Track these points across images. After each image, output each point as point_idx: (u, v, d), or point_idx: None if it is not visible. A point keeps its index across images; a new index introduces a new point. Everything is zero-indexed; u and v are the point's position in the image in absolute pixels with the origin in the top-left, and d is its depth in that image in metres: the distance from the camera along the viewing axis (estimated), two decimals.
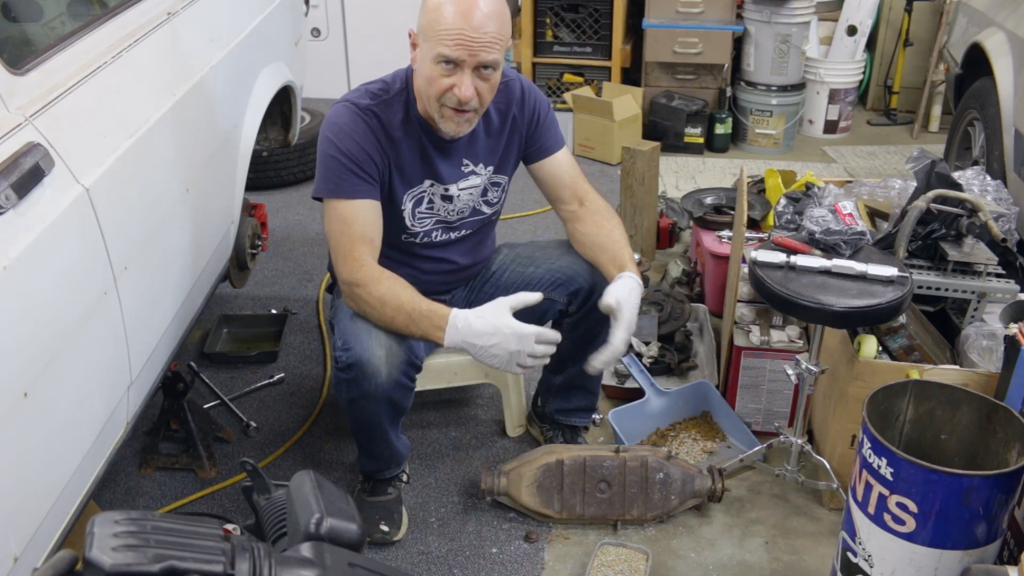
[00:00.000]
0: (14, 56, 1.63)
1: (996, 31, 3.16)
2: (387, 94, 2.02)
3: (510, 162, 2.18)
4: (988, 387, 1.95)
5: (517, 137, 2.15)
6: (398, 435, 2.18)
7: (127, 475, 2.39)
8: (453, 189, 2.10)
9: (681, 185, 4.11)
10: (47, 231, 1.51)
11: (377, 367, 1.91)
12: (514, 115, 2.12)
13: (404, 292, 1.93)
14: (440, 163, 2.07)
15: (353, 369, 1.92)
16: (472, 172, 2.11)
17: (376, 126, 1.99)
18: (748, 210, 2.75)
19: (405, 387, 2.00)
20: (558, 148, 2.19)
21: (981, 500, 1.56)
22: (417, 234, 2.13)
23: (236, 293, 3.17)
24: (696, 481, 2.21)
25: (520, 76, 2.17)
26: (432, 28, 1.86)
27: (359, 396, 1.95)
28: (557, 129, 2.21)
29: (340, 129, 1.98)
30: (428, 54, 1.88)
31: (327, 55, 4.98)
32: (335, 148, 1.97)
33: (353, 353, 1.92)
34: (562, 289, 2.18)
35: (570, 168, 2.20)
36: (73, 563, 0.89)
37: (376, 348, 1.92)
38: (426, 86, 1.92)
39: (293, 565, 0.96)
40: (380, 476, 2.22)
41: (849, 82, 4.62)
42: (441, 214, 2.13)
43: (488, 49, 1.86)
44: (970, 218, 2.24)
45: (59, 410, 1.58)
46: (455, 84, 1.88)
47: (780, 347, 2.43)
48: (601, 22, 4.51)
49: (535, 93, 2.16)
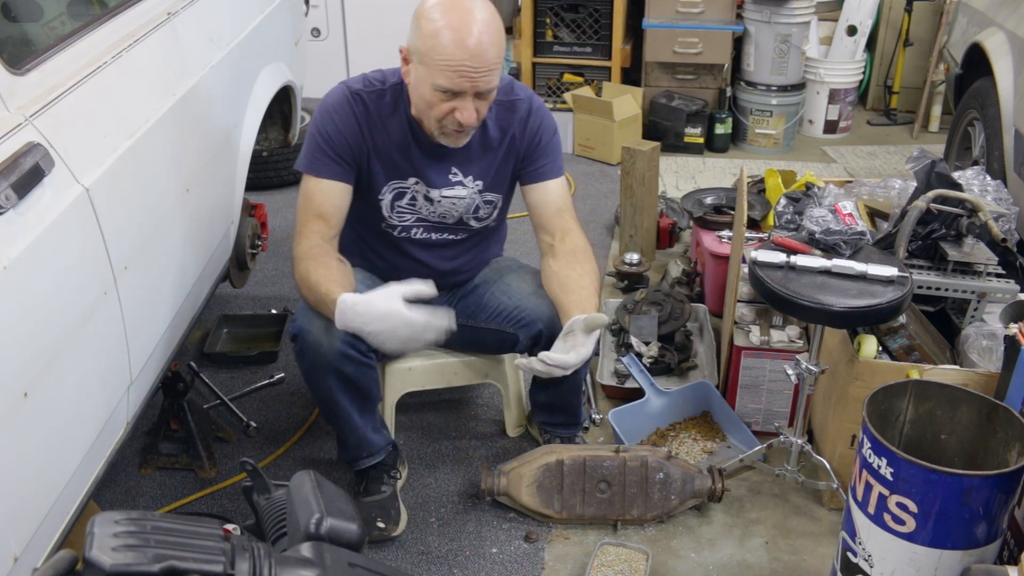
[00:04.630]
0: (14, 56, 1.63)
1: (996, 31, 3.16)
2: (382, 84, 2.05)
3: (504, 181, 2.17)
4: (988, 387, 1.95)
5: (514, 156, 2.14)
6: (375, 426, 2.17)
7: (127, 475, 2.39)
8: (436, 194, 2.11)
9: (681, 185, 4.11)
10: (47, 231, 1.51)
11: (317, 337, 1.96)
12: (514, 134, 2.11)
13: (315, 273, 1.96)
14: (427, 165, 2.08)
15: (298, 340, 2.00)
16: (459, 183, 2.12)
17: (361, 111, 2.03)
18: (748, 210, 2.75)
19: (354, 360, 1.99)
20: (553, 177, 2.16)
21: (981, 500, 1.56)
22: (395, 227, 2.16)
23: (236, 293, 3.17)
24: (696, 481, 2.21)
25: (533, 97, 2.14)
26: (430, 56, 1.85)
27: (308, 367, 2.02)
28: (557, 156, 2.18)
29: (325, 109, 2.05)
30: (426, 79, 1.88)
31: (327, 55, 4.98)
32: (315, 126, 2.05)
33: (297, 324, 2.01)
34: (525, 330, 2.16)
35: (560, 200, 2.17)
36: (73, 563, 0.89)
37: (316, 318, 1.97)
38: (425, 108, 1.93)
39: (293, 565, 0.96)
40: (357, 467, 2.22)
41: (849, 82, 4.62)
42: (423, 213, 2.15)
43: (487, 76, 1.87)
44: (970, 218, 2.24)
45: (59, 410, 1.58)
46: (456, 108, 1.90)
47: (780, 347, 2.43)
48: (601, 22, 4.51)
49: (542, 116, 2.14)
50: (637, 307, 2.83)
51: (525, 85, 2.16)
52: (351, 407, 2.09)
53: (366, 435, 2.16)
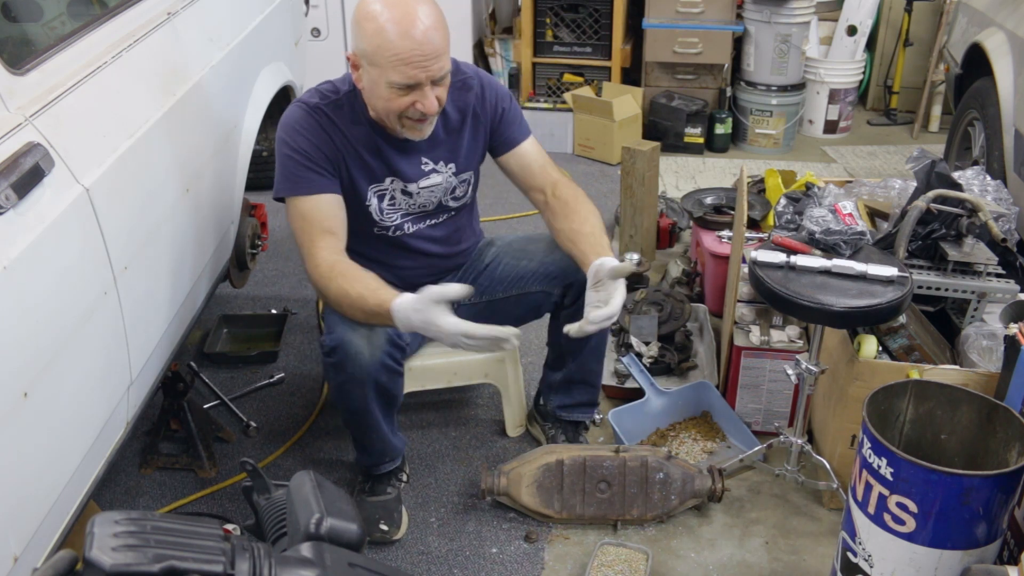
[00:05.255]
0: (14, 56, 1.64)
1: (996, 31, 3.16)
2: (336, 95, 2.03)
3: (475, 158, 2.19)
4: (988, 387, 1.95)
5: (482, 132, 2.15)
6: (394, 429, 2.19)
7: (127, 475, 2.39)
8: (413, 187, 2.12)
9: (681, 185, 4.11)
10: (47, 231, 1.51)
11: (360, 347, 1.94)
12: (475, 111, 2.12)
13: (354, 288, 1.90)
14: (399, 161, 2.08)
15: (337, 352, 1.96)
16: (433, 171, 2.12)
17: (327, 123, 2.02)
18: (748, 210, 2.75)
19: (391, 369, 2.01)
20: (524, 138, 2.19)
21: (981, 500, 1.56)
22: (388, 227, 2.15)
23: (236, 293, 3.17)
24: (696, 481, 2.21)
25: (479, 72, 2.16)
26: (379, 55, 1.86)
27: (345, 380, 1.98)
28: (522, 119, 2.21)
29: (291, 128, 2.01)
30: (379, 79, 1.88)
31: (327, 55, 4.97)
32: (287, 147, 2.01)
33: (336, 336, 1.96)
34: (556, 282, 2.19)
35: (538, 156, 2.20)
36: (73, 563, 0.89)
37: (358, 328, 1.95)
38: (384, 107, 1.93)
39: (293, 565, 0.96)
40: (376, 471, 2.23)
41: (849, 82, 4.62)
42: (404, 208, 2.15)
43: (439, 61, 1.87)
44: (970, 218, 2.24)
45: (59, 410, 1.58)
46: (416, 100, 1.90)
47: (780, 347, 2.42)
48: (601, 22, 4.51)
49: (495, 87, 2.16)
50: (637, 307, 2.83)
51: (466, 62, 2.17)
52: (380, 415, 2.09)
53: (390, 440, 2.18)
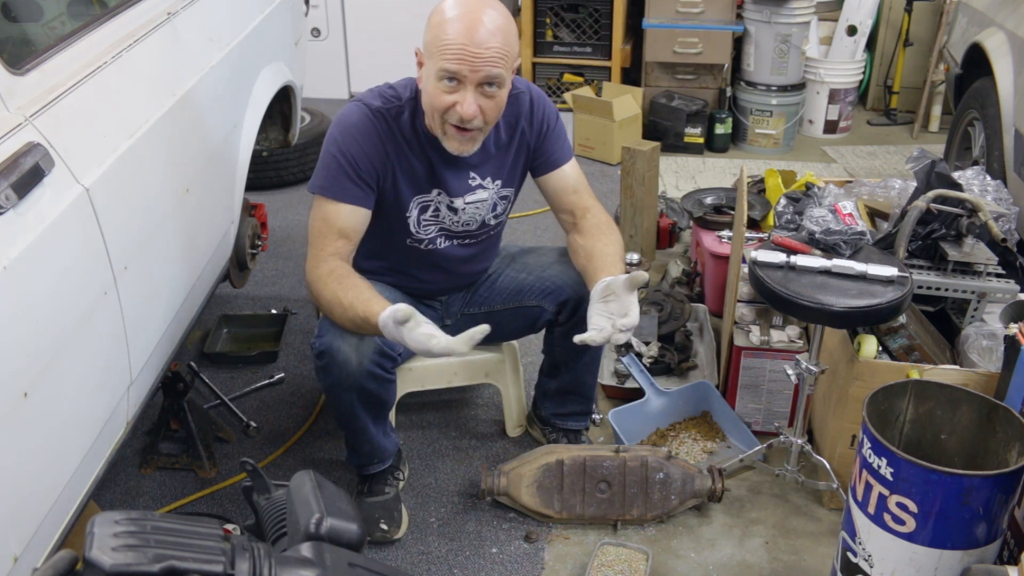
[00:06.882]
0: (14, 56, 1.63)
1: (996, 31, 3.16)
2: (399, 100, 2.00)
3: (517, 175, 2.17)
4: (988, 387, 1.95)
5: (525, 150, 2.13)
6: (385, 431, 2.18)
7: (127, 475, 2.39)
8: (459, 202, 2.09)
9: (681, 185, 4.11)
10: (47, 231, 1.51)
11: (347, 355, 1.94)
12: (523, 128, 2.10)
13: (347, 295, 1.89)
14: (448, 176, 2.06)
15: (324, 357, 1.96)
16: (480, 186, 2.10)
17: (384, 129, 1.98)
18: (748, 210, 2.75)
19: (379, 378, 1.99)
20: (566, 161, 2.16)
21: (981, 500, 1.56)
22: (422, 240, 2.13)
23: (236, 293, 3.17)
24: (696, 481, 2.21)
25: (530, 87, 2.14)
26: (435, 44, 1.85)
27: (332, 384, 1.99)
28: (566, 141, 2.18)
29: (346, 129, 1.98)
30: (431, 70, 1.87)
31: (327, 55, 4.98)
32: (337, 147, 1.97)
33: (324, 341, 1.95)
34: (551, 299, 2.18)
35: (576, 181, 2.17)
36: (73, 563, 0.89)
37: (347, 336, 1.94)
38: (430, 102, 1.91)
39: (293, 565, 0.96)
40: (365, 472, 2.23)
41: (849, 82, 4.62)
42: (445, 223, 2.12)
43: (491, 64, 1.84)
44: (970, 218, 2.24)
45: (59, 410, 1.58)
46: (457, 101, 1.86)
47: (780, 347, 2.42)
48: (601, 22, 4.51)
49: (544, 104, 2.13)
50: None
51: (520, 77, 2.15)
52: (368, 418, 2.09)
53: (379, 442, 2.17)
